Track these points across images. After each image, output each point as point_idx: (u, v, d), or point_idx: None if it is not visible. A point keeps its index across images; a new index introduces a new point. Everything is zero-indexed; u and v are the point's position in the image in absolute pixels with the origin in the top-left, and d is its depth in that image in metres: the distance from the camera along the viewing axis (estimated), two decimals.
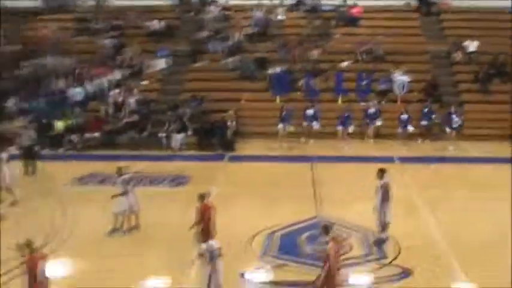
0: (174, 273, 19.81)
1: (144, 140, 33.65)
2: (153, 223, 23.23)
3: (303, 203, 25.05)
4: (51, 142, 33.62)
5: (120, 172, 22.48)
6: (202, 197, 20.45)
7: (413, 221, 23.81)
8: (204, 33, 40.21)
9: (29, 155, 30.04)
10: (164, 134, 33.41)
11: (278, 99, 35.90)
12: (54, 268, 20.14)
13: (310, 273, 18.66)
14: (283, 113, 34.16)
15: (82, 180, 28.82)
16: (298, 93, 36.74)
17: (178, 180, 28.55)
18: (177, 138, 33.14)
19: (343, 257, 19.71)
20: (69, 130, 33.79)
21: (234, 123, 33.96)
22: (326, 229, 16.92)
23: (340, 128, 34.29)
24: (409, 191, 26.43)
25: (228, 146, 32.94)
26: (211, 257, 16.65)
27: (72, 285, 19.49)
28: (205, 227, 20.04)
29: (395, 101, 36.14)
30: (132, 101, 35.15)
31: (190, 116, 34.06)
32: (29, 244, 15.66)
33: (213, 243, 16.95)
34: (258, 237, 21.90)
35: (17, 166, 26.89)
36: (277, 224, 22.82)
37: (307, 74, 37.08)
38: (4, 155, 25.44)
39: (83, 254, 21.35)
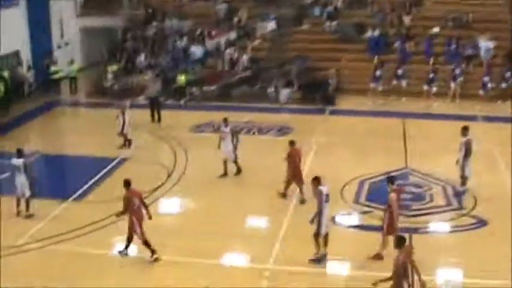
0: (273, 214, 20.94)
1: (254, 94, 34.55)
2: (259, 168, 24.48)
3: (393, 155, 25.77)
4: (174, 94, 34.96)
5: (226, 122, 23.57)
6: (292, 143, 21.99)
7: (493, 175, 24.01)
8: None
9: (155, 105, 31.44)
10: (272, 89, 34.20)
11: (375, 59, 35.81)
12: (169, 205, 21.68)
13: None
14: (378, 72, 34.31)
15: (199, 128, 30.41)
16: (392, 55, 36.55)
17: (283, 131, 29.49)
18: (284, 92, 33.95)
19: (425, 206, 20.52)
20: (190, 83, 34.93)
21: (335, 80, 34.40)
22: (391, 180, 17.88)
23: (427, 87, 34.25)
24: (489, 147, 26.48)
25: (329, 100, 33.55)
26: (327, 200, 17.30)
27: (183, 222, 20.93)
28: (294, 169, 21.49)
29: (480, 65, 35.74)
30: (245, 58, 36.08)
31: (296, 73, 34.73)
32: (127, 182, 18.08)
33: (325, 188, 17.46)
34: (351, 185, 22.90)
35: (133, 114, 27.97)
36: (369, 173, 23.72)
37: (400, 38, 37.11)
38: (127, 103, 26.75)
39: (196, 193, 22.87)
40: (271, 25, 38.38)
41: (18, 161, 20.93)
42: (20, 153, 21.14)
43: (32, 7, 37.72)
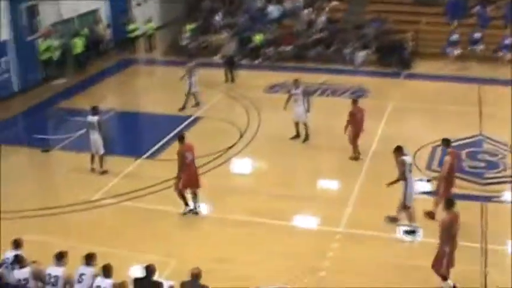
0: (345, 177, 20.82)
1: (330, 55, 34.10)
2: (332, 130, 24.06)
3: (467, 121, 25.21)
4: (249, 53, 34.80)
5: (297, 84, 23.28)
6: (355, 101, 22.19)
7: None
8: None
9: (230, 64, 31.51)
10: (348, 50, 33.74)
11: (453, 23, 34.91)
12: (241, 165, 21.75)
13: (467, 188, 19.47)
14: (455, 37, 33.45)
15: (273, 88, 30.18)
16: (471, 19, 35.53)
17: (358, 93, 28.99)
18: (360, 55, 33.50)
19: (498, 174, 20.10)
20: (265, 43, 34.66)
21: (412, 44, 33.77)
22: (447, 142, 17.73)
23: (502, 53, 33.08)
24: None
25: (405, 64, 32.93)
26: (410, 170, 17.06)
27: (253, 182, 21.01)
28: (357, 127, 21.65)
29: None
30: (322, 19, 35.60)
31: (373, 36, 34.21)
32: (181, 137, 18.63)
33: (408, 158, 17.32)
34: (424, 150, 22.50)
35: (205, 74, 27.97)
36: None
37: (481, 1, 35.99)
38: (192, 64, 26.88)
39: (268, 153, 23.02)
40: None
41: (93, 119, 21.20)
42: (95, 111, 21.37)
43: None
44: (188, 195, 18.78)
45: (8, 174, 21.88)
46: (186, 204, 18.76)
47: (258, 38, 34.76)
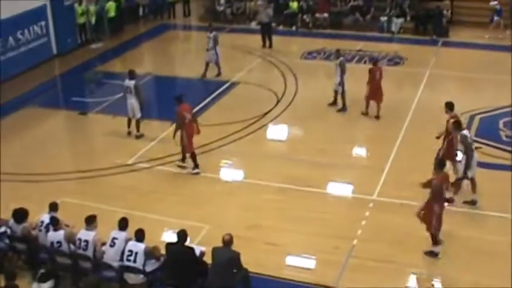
0: (380, 145, 20.57)
1: (366, 23, 33.57)
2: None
3: (505, 90, 24.36)
4: (286, 20, 34.36)
5: (338, 54, 22.97)
6: (375, 63, 22.44)
7: None
8: None
9: (266, 31, 31.17)
10: (385, 18, 33.16)
11: None
12: (278, 131, 21.57)
13: (502, 157, 19.04)
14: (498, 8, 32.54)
15: (310, 54, 29.86)
16: None
17: (394, 60, 28.72)
18: (396, 22, 32.88)
19: None
20: (302, 10, 34.21)
21: (449, 11, 33.08)
22: (450, 106, 17.53)
23: None
24: None
25: (442, 32, 32.24)
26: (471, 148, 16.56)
27: (290, 148, 20.76)
28: (374, 86, 21.91)
29: None
30: None
31: (410, 3, 33.52)
32: (178, 98, 18.97)
33: (467, 132, 16.93)
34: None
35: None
36: (479, 108, 22.74)
37: None
38: (212, 35, 26.47)
39: (304, 120, 22.71)
40: None
41: (129, 83, 21.03)
42: (131, 75, 21.20)
43: None
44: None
45: (45, 136, 22.15)
46: (196, 166, 18.97)
47: (294, 4, 34.28)
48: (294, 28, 34.00)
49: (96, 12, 32.75)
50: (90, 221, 13.53)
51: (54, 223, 13.73)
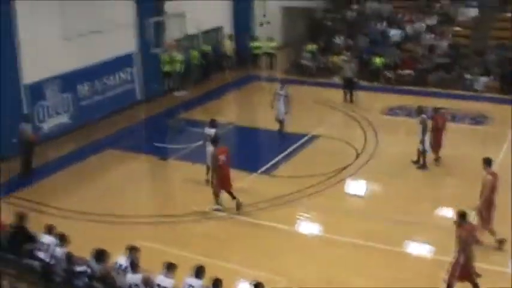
0: (462, 205, 19.66)
1: (451, 80, 32.97)
2: (451, 156, 23.30)
3: None
4: (369, 75, 34.07)
5: (420, 111, 22.84)
6: (436, 110, 22.82)
7: None
8: None
9: (349, 86, 30.98)
10: (470, 76, 32.54)
11: None
12: (356, 186, 21.26)
13: None
14: None
15: (392, 111, 29.41)
16: None
17: (478, 119, 28.06)
18: (481, 80, 32.21)
19: None
20: (385, 66, 33.95)
21: None
22: (488, 162, 17.30)
23: None
24: None
25: None
26: None
27: (368, 204, 20.34)
28: (437, 136, 22.00)
29: None
30: (444, 44, 34.63)
31: (496, 62, 32.85)
32: (214, 140, 19.67)
33: None
34: None
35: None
36: None
37: None
38: (283, 92, 26.13)
39: (383, 176, 22.28)
40: (472, 11, 36.59)
41: (210, 131, 21.11)
42: (212, 124, 21.36)
43: None
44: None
45: (125, 179, 22.43)
46: (217, 202, 19.61)
47: (378, 60, 34.04)
48: (377, 84, 33.67)
49: (182, 61, 33.17)
50: (171, 268, 13.42)
51: (133, 266, 13.70)
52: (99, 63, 28.44)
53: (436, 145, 22.50)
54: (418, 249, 17.60)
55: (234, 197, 19.54)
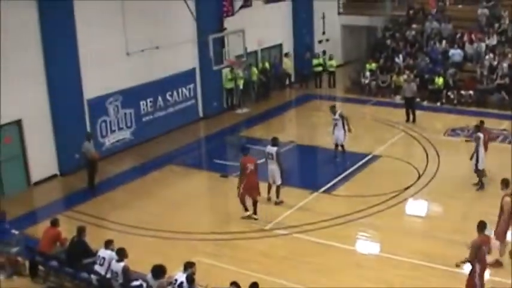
0: None
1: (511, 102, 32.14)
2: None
3: None
4: (430, 96, 33.41)
5: (476, 129, 22.35)
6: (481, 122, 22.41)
7: None
8: None
9: (410, 105, 30.47)
10: None
11: None
12: (417, 206, 20.74)
13: None
14: None
15: (454, 131, 28.77)
16: None
17: None
18: None
19: None
20: (447, 86, 33.22)
21: None
22: (506, 183, 17.04)
23: None
24: None
25: None
26: None
27: (428, 225, 19.89)
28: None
29: None
30: (505, 65, 33.74)
31: None
32: (244, 149, 20.57)
33: None
34: None
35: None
36: None
37: None
38: (337, 116, 25.19)
39: (444, 197, 21.69)
40: None
41: (271, 149, 20.88)
42: (274, 142, 21.10)
43: (297, 3, 38.06)
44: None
45: (186, 195, 22.37)
46: (246, 209, 20.15)
47: (439, 80, 33.34)
48: (438, 104, 33.01)
49: (244, 79, 33.03)
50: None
51: (190, 281, 13.56)
52: (160, 79, 28.54)
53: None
54: None
55: (247, 209, 20.18)
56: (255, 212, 20.14)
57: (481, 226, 15.04)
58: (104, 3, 25.35)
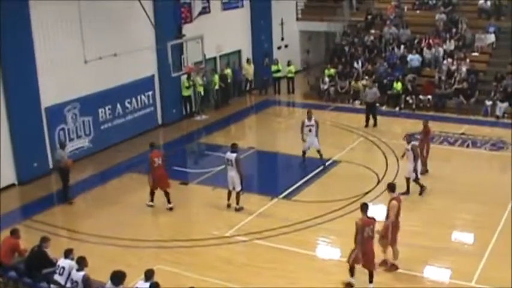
0: (481, 230, 19.65)
1: (470, 106, 32.65)
2: (470, 182, 23.17)
3: None
4: (389, 101, 33.88)
5: (409, 138, 22.83)
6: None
7: None
8: None
9: (371, 110, 30.88)
10: (489, 102, 32.18)
11: None
12: (377, 212, 21.12)
13: None
14: None
15: (413, 136, 28.63)
16: None
17: (498, 145, 27.62)
18: (501, 106, 31.82)
19: None
20: (405, 91, 33.68)
21: None
22: (391, 187, 17.60)
23: None
24: None
25: None
26: None
27: None
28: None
29: None
30: (463, 69, 34.32)
31: None
32: (151, 145, 21.96)
33: None
34: None
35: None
36: None
37: None
38: (312, 122, 25.35)
39: (404, 200, 21.07)
40: (490, 37, 36.28)
41: (231, 155, 20.99)
42: (233, 148, 21.20)
43: (255, 9, 38.29)
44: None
45: (144, 203, 22.13)
46: (152, 200, 21.86)
47: (398, 85, 33.76)
48: (397, 109, 33.42)
49: (201, 85, 33.13)
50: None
51: None
52: (119, 87, 28.51)
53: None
54: (438, 274, 17.37)
55: (152, 199, 21.85)
56: (168, 201, 21.58)
57: (364, 207, 16.25)
58: (61, 11, 25.32)
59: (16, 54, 23.47)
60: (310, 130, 25.14)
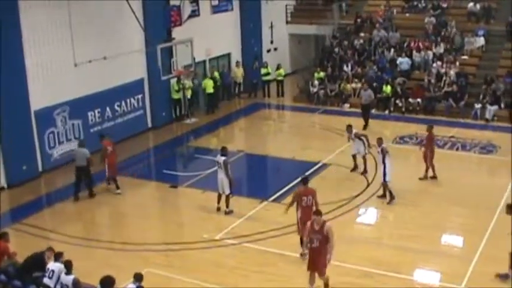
0: (470, 232, 19.79)
1: (460, 109, 32.84)
2: (460, 185, 23.41)
3: None
4: (378, 104, 34.02)
5: (380, 141, 22.79)
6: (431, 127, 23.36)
7: None
8: None
9: (365, 112, 31.22)
10: (479, 105, 32.40)
11: None
12: (366, 214, 21.24)
13: None
14: None
15: (402, 139, 29.29)
16: None
17: (487, 148, 27.84)
18: (490, 109, 32.05)
19: None
20: (395, 94, 33.86)
21: None
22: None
23: None
24: None
25: None
26: None
27: (377, 232, 20.40)
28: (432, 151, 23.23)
29: None
30: (452, 73, 34.53)
31: (504, 91, 32.71)
32: (101, 135, 23.62)
33: None
34: None
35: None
36: None
37: None
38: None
39: (393, 203, 22.08)
40: (479, 41, 36.52)
41: (220, 159, 21.09)
42: (223, 151, 21.32)
43: (245, 12, 38.43)
44: None
45: (135, 206, 22.31)
46: (108, 183, 23.80)
47: (388, 88, 33.93)
48: (387, 112, 33.62)
49: (192, 88, 33.18)
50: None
51: None
52: (109, 90, 28.58)
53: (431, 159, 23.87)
54: (427, 277, 17.46)
55: (109, 183, 23.86)
56: (117, 187, 23.43)
57: (304, 180, 18.51)
58: (51, 14, 25.39)
59: (5, 57, 23.45)
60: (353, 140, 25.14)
